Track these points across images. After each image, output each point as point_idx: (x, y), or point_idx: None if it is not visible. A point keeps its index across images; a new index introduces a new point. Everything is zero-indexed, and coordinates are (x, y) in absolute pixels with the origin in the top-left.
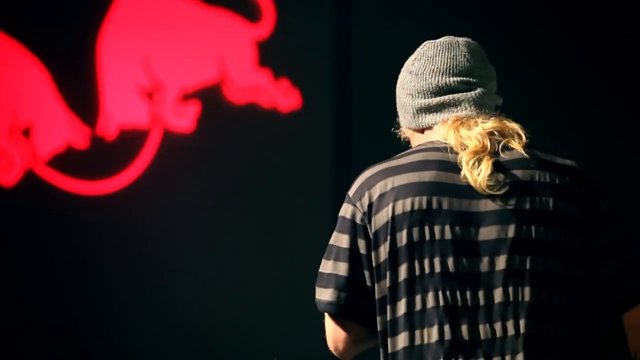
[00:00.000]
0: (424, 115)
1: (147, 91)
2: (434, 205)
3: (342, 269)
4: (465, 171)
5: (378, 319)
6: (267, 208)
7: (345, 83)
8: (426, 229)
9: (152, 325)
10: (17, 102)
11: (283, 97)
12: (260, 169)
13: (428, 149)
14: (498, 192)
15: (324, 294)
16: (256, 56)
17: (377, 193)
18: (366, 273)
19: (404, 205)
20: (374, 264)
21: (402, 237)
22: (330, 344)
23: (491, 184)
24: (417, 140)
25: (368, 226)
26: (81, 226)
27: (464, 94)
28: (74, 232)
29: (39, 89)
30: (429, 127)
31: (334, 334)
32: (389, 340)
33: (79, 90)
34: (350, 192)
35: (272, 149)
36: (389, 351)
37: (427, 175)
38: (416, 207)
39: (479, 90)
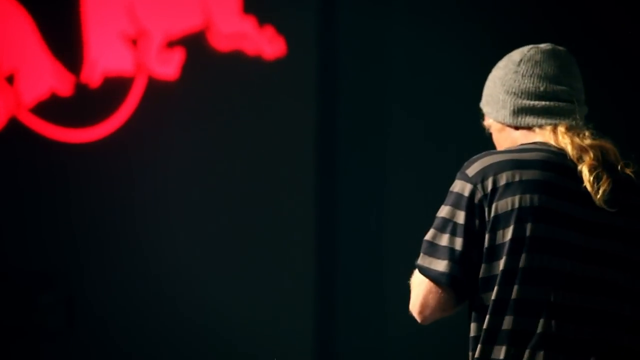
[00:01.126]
0: (524, 115)
1: (131, 38)
2: (558, 206)
3: (458, 243)
4: (587, 183)
5: (480, 296)
6: (251, 153)
7: (330, 30)
8: (550, 227)
9: (138, 273)
10: (1, 49)
11: (268, 44)
12: (244, 116)
13: (546, 150)
14: (611, 209)
15: (438, 265)
16: (241, 3)
17: (503, 181)
18: (475, 251)
19: (531, 199)
20: (486, 245)
21: (527, 228)
22: (418, 308)
23: (607, 199)
24: (507, 135)
25: (487, 209)
26: (65, 173)
27: (569, 103)
28: (58, 180)
29: (22, 35)
30: (528, 127)
31: (427, 300)
32: (488, 317)
33: (63, 37)
34: (469, 172)
35: (257, 96)
36: (488, 327)
37: (551, 177)
38: (544, 204)
39: (581, 101)
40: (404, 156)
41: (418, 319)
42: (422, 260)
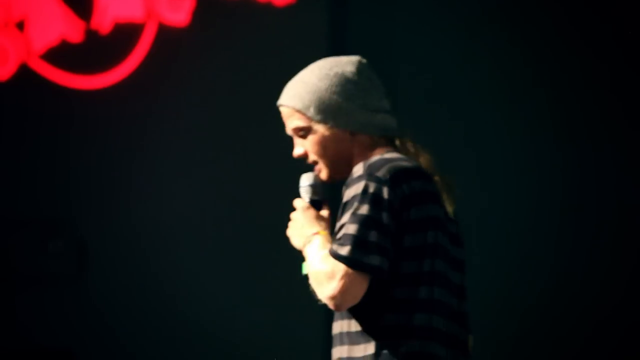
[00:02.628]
0: (369, 126)
1: None
2: (445, 218)
3: (386, 241)
4: (444, 195)
5: (402, 291)
6: (261, 98)
7: None
8: (445, 237)
9: (148, 217)
10: None
11: None
12: (254, 62)
13: (416, 163)
14: (452, 218)
15: (372, 259)
16: None
17: (416, 187)
18: (395, 249)
19: (438, 209)
20: (406, 245)
21: (437, 236)
22: (342, 297)
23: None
24: (342, 143)
25: (405, 212)
26: (76, 120)
27: (393, 116)
28: (68, 126)
29: None
30: (369, 138)
31: (355, 290)
32: (420, 314)
33: None
34: (381, 175)
35: (267, 42)
36: (422, 323)
37: (438, 189)
38: (442, 215)
39: None
40: (413, 110)
41: (334, 307)
42: (353, 253)
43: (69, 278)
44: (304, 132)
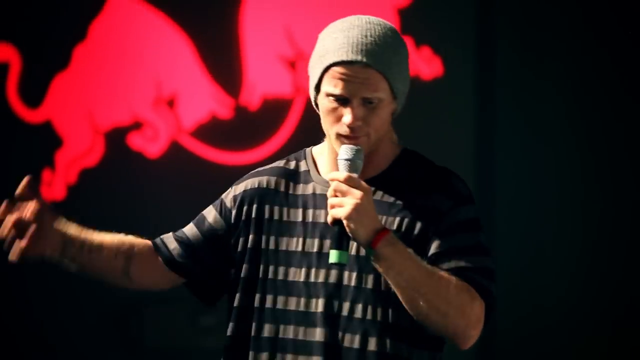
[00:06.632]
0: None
1: (289, 60)
2: None
3: None
4: None
5: None
6: None
7: (488, 49)
8: None
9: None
10: (162, 73)
11: (425, 65)
12: (402, 136)
13: None
14: None
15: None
16: (397, 24)
17: None
18: None
19: None
20: None
21: None
22: (480, 330)
23: None
24: (389, 122)
25: None
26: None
27: None
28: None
29: (183, 59)
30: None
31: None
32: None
33: (222, 61)
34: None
35: (414, 117)
36: None
37: None
38: None
39: None
40: (560, 188)
41: (467, 344)
42: (494, 292)
43: (219, 353)
44: (378, 103)
